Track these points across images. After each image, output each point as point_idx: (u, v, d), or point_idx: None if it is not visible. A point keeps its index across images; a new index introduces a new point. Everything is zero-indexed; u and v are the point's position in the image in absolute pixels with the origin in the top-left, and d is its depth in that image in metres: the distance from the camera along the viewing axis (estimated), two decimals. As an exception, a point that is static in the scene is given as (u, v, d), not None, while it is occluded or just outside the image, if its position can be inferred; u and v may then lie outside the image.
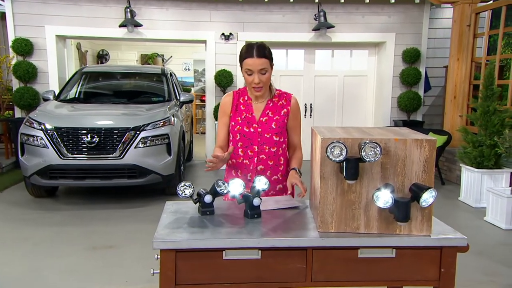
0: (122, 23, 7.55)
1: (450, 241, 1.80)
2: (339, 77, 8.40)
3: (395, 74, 8.03)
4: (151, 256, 3.95)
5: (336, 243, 1.80)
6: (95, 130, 5.25)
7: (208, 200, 2.05)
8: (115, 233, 4.56)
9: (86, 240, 4.35)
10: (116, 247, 4.20)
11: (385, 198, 1.71)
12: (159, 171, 5.41)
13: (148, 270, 3.73)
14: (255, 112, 2.43)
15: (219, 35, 7.86)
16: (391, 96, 8.06)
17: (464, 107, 7.04)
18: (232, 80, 7.76)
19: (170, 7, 7.80)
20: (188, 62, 12.70)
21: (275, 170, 2.44)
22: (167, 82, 6.72)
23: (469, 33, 6.98)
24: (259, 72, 2.30)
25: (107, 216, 5.12)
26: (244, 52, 2.35)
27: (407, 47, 7.95)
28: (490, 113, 5.56)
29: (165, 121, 5.56)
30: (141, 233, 4.60)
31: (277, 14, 7.89)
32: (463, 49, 7.03)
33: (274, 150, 2.43)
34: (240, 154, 2.44)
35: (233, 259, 1.80)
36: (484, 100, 5.65)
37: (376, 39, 8.05)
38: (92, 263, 3.85)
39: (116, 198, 5.79)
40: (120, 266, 3.80)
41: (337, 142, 1.72)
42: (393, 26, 8.00)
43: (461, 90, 7.06)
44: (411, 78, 7.83)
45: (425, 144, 1.77)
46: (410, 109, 7.85)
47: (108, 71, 7.18)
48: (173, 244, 1.77)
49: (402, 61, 8.02)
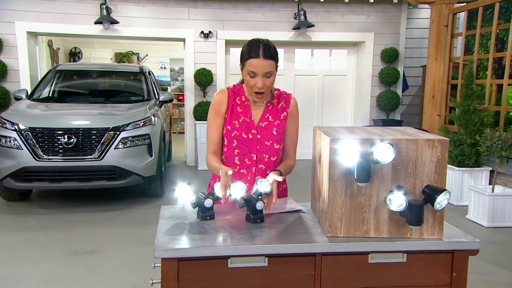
0: (98, 20, 7.32)
1: (462, 245, 1.74)
2: (318, 77, 8.38)
3: (374, 74, 8.06)
4: (136, 261, 3.83)
5: (346, 248, 1.72)
6: (73, 130, 5.04)
7: (208, 204, 1.94)
8: (96, 237, 4.39)
9: (66, 245, 4.17)
10: (97, 252, 4.03)
11: (399, 201, 1.64)
12: (140, 173, 5.25)
13: (133, 275, 3.60)
14: (253, 115, 2.19)
15: (198, 33, 7.72)
16: (370, 95, 8.09)
17: (443, 106, 7.11)
18: (212, 79, 7.63)
19: (147, 4, 7.60)
20: (164, 60, 12.49)
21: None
22: (146, 81, 6.54)
23: (447, 33, 7.05)
24: (264, 76, 2.03)
25: (86, 219, 4.92)
26: (247, 50, 2.07)
27: (385, 46, 7.99)
28: (470, 112, 5.62)
29: (146, 121, 5.40)
30: (124, 236, 4.44)
31: (257, 13, 7.80)
32: (440, 49, 7.10)
33: (274, 159, 2.23)
34: (236, 162, 2.22)
35: (239, 267, 1.70)
36: (464, 100, 5.70)
37: (355, 39, 8.06)
38: (73, 269, 3.68)
39: (95, 201, 5.59)
40: (104, 272, 3.64)
41: (348, 142, 1.64)
42: (372, 25, 8.02)
43: (439, 90, 7.13)
44: (390, 77, 7.87)
45: (437, 144, 1.71)
46: (389, 108, 7.90)
47: (84, 69, 6.95)
48: (175, 253, 1.65)
49: (380, 61, 8.05)
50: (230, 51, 8.08)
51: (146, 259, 3.87)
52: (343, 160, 1.65)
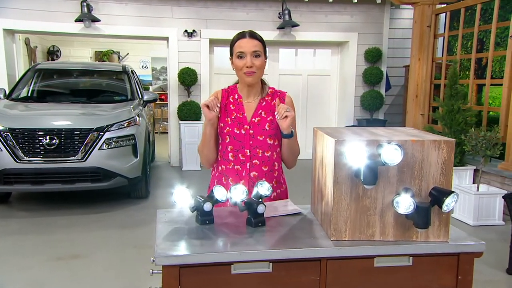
0: (79, 18, 7.15)
1: (469, 247, 1.72)
2: (303, 76, 8.37)
3: (358, 74, 8.09)
4: (124, 265, 3.73)
5: (352, 253, 1.68)
6: (55, 131, 4.90)
7: (207, 208, 1.87)
8: (80, 241, 4.26)
9: (49, 250, 4.03)
10: (83, 256, 3.91)
11: (406, 203, 1.61)
12: (125, 174, 5.13)
13: (121, 280, 3.50)
14: (246, 112, 2.19)
15: (181, 32, 7.61)
16: (354, 95, 8.11)
17: (426, 106, 7.17)
18: (197, 79, 7.53)
19: (129, 2, 7.46)
20: (146, 59, 12.31)
21: (269, 176, 2.21)
22: (130, 80, 6.41)
23: (430, 33, 7.11)
24: (252, 55, 2.10)
25: (70, 222, 4.79)
26: (235, 37, 2.20)
27: (369, 46, 8.02)
28: (454, 111, 5.66)
29: (130, 121, 5.28)
30: (109, 240, 4.33)
31: (241, 12, 7.73)
32: (423, 49, 7.15)
33: (268, 154, 2.19)
34: (230, 159, 2.19)
35: (242, 273, 1.64)
36: (448, 99, 5.75)
37: (339, 39, 8.07)
38: (58, 274, 3.56)
39: (78, 203, 5.44)
40: (91, 277, 3.53)
41: (355, 144, 1.60)
42: (355, 25, 8.05)
43: (422, 89, 7.18)
44: (374, 77, 7.91)
45: (443, 145, 1.68)
46: (373, 108, 7.93)
47: (65, 68, 6.76)
48: (177, 260, 1.59)
49: (364, 61, 8.09)
50: (214, 50, 8.00)
51: (134, 263, 3.79)
52: (351, 162, 1.60)
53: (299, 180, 3.80)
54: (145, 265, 3.74)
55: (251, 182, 2.15)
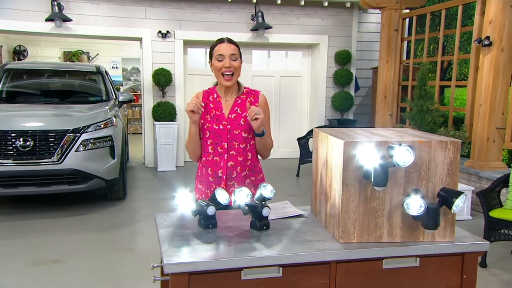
0: (49, 17, 6.83)
1: (473, 247, 1.70)
2: (275, 77, 8.32)
3: (328, 75, 8.11)
4: (106, 269, 3.56)
5: (361, 255, 1.63)
6: (29, 133, 4.64)
7: (211, 212, 1.78)
8: (59, 245, 4.05)
9: (27, 255, 3.81)
10: (62, 261, 3.71)
11: (417, 204, 1.57)
12: (103, 176, 4.92)
13: (105, 284, 3.33)
14: (224, 109, 2.32)
15: (155, 33, 7.41)
16: (325, 96, 8.13)
17: (394, 106, 7.27)
18: (171, 80, 7.35)
19: (102, 2, 7.20)
20: (116, 60, 11.95)
21: (244, 165, 2.32)
22: (104, 81, 6.17)
23: (397, 37, 7.21)
24: (230, 58, 2.26)
25: (46, 226, 4.55)
26: (214, 42, 2.34)
27: (339, 49, 8.06)
28: (424, 112, 5.75)
29: (107, 122, 5.07)
30: (88, 243, 4.13)
31: (214, 13, 7.60)
32: (391, 52, 7.24)
33: (243, 146, 2.31)
34: (210, 151, 2.32)
35: (252, 278, 1.56)
36: (418, 100, 5.83)
37: (310, 41, 8.07)
38: (38, 281, 3.35)
39: (53, 206, 5.18)
40: (72, 282, 3.35)
41: (367, 146, 1.54)
42: (325, 28, 8.07)
43: (390, 91, 7.27)
44: (344, 78, 7.95)
45: (450, 146, 1.65)
46: (343, 109, 7.98)
47: (36, 69, 6.42)
48: (187, 267, 1.49)
49: (334, 63, 8.11)
50: (188, 51, 7.84)
51: (117, 266, 3.63)
52: (364, 164, 1.55)
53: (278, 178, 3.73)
54: (128, 268, 3.60)
55: (228, 171, 2.30)
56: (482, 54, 5.49)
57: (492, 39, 5.32)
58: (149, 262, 3.62)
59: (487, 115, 5.44)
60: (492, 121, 5.44)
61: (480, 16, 5.70)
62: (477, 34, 5.71)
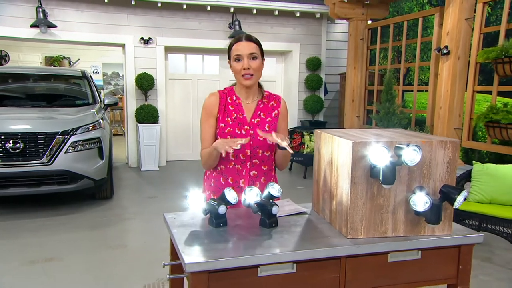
0: (34, 23, 6.52)
1: (469, 239, 1.69)
2: (250, 82, 8.25)
3: (300, 80, 8.12)
4: (101, 267, 3.40)
5: (369, 250, 1.58)
6: (19, 135, 4.40)
7: (222, 211, 1.69)
8: (52, 244, 3.85)
9: (21, 254, 3.60)
10: (57, 259, 3.53)
11: (423, 201, 1.54)
12: (92, 176, 4.73)
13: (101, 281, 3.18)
14: (245, 113, 2.04)
15: (138, 39, 7.20)
16: (298, 99, 8.13)
17: (361, 109, 7.35)
18: (154, 84, 7.16)
19: (85, 9, 6.94)
20: (97, 65, 11.57)
21: (268, 175, 2.10)
22: (90, 85, 5.94)
23: (363, 45, 7.29)
24: (249, 57, 1.95)
25: (37, 226, 4.32)
26: (232, 41, 2.03)
27: (309, 56, 8.08)
28: (390, 114, 5.83)
29: (95, 125, 4.88)
30: (82, 241, 3.96)
31: (194, 21, 7.47)
32: (358, 59, 7.32)
33: (267, 154, 2.06)
34: (231, 158, 2.02)
35: (268, 275, 1.49)
36: (385, 103, 5.91)
37: (283, 48, 8.05)
38: (34, 280, 3.17)
39: (42, 206, 4.94)
40: (68, 280, 3.18)
41: (378, 146, 1.50)
42: (297, 37, 8.07)
43: (358, 95, 7.35)
44: (314, 83, 7.98)
45: (449, 145, 1.64)
46: (314, 111, 8.00)
47: (22, 73, 6.11)
48: (207, 265, 1.40)
49: (306, 68, 8.13)
50: (169, 57, 7.67)
51: (111, 264, 3.47)
52: (375, 163, 1.50)
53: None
54: (122, 265, 3.45)
55: (251, 181, 2.04)
56: (441, 61, 5.60)
57: (450, 48, 5.44)
58: (142, 258, 3.52)
59: (446, 116, 5.56)
60: (451, 122, 5.56)
61: (438, 28, 5.82)
62: (436, 44, 5.83)
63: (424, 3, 11.83)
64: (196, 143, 8.02)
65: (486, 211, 3.52)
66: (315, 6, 7.78)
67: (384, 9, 7.33)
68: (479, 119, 4.67)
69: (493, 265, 3.51)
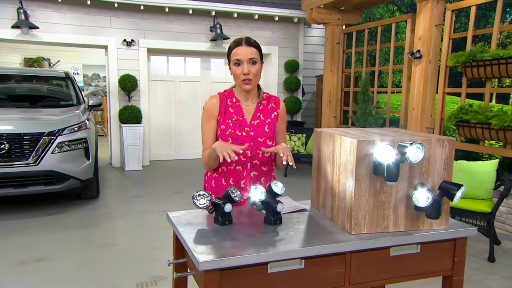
0: (16, 24, 6.26)
1: (464, 233, 1.70)
2: (232, 83, 8.17)
3: (279, 82, 8.12)
4: (92, 265, 3.28)
5: (373, 245, 1.57)
6: (4, 136, 4.20)
7: (228, 209, 1.65)
8: (41, 244, 3.69)
9: (10, 255, 3.43)
10: (47, 259, 3.38)
11: (425, 196, 1.54)
12: (78, 176, 4.57)
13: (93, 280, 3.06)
14: (245, 114, 2.00)
15: (120, 41, 7.02)
16: (277, 100, 8.12)
17: (338, 110, 7.41)
18: (137, 85, 7.00)
19: (67, 11, 6.71)
20: (77, 66, 11.24)
21: (269, 176, 2.06)
22: (74, 86, 5.74)
23: (339, 49, 7.35)
24: (248, 62, 1.92)
25: (24, 226, 4.14)
26: (232, 44, 1.98)
27: (288, 58, 8.09)
28: (367, 114, 5.89)
29: (81, 125, 4.71)
30: (70, 240, 3.81)
31: (176, 24, 7.34)
32: (334, 62, 7.38)
33: (267, 155, 2.01)
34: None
35: (278, 271, 1.46)
36: (362, 104, 5.97)
37: (263, 51, 7.99)
38: (26, 280, 3.02)
39: (28, 206, 4.73)
40: (59, 279, 3.04)
41: (383, 145, 1.49)
42: (276, 40, 8.07)
43: (334, 96, 7.41)
44: (293, 85, 7.99)
45: (446, 143, 1.64)
46: (293, 111, 8.01)
47: (5, 74, 5.84)
48: (219, 263, 1.35)
49: (284, 71, 8.13)
50: (151, 58, 7.52)
51: (101, 262, 3.35)
52: (381, 161, 1.49)
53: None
54: (112, 263, 3.34)
55: (251, 182, 1.99)
56: (414, 65, 5.71)
57: (422, 52, 5.55)
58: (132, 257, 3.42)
59: (419, 116, 5.67)
60: (423, 122, 5.67)
61: (410, 33, 5.92)
62: (408, 48, 5.93)
63: (394, 10, 12.07)
64: (179, 143, 7.90)
65: (460, 205, 3.60)
66: (293, 11, 7.79)
67: (358, 14, 7.41)
68: (450, 119, 4.78)
69: (467, 256, 3.59)
